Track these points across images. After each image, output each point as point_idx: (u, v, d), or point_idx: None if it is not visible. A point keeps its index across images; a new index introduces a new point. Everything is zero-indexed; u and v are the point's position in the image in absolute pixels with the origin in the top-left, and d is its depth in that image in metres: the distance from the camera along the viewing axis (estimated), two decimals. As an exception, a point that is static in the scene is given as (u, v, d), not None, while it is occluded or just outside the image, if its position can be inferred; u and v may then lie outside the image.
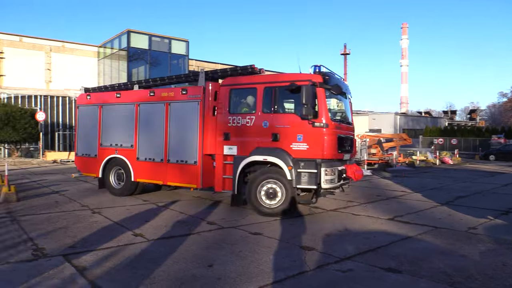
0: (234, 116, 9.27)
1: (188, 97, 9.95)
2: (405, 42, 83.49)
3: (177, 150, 10.12)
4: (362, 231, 7.51)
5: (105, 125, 11.69)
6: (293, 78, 8.70)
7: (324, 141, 8.32)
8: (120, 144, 11.29)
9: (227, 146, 9.30)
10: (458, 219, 8.75)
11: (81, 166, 12.39)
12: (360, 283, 4.79)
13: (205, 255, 5.79)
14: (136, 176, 10.94)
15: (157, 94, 10.69)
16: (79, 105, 12.49)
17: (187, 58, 35.67)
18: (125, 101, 11.34)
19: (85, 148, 12.13)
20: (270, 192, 8.72)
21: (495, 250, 6.26)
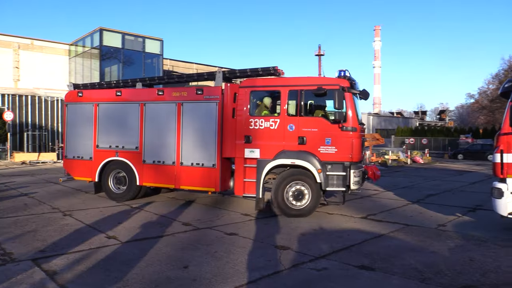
0: (256, 118, 9.07)
1: (204, 98, 9.56)
2: (378, 44, 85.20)
3: (192, 152, 9.68)
4: (336, 230, 7.62)
5: (103, 125, 10.79)
6: (320, 82, 8.78)
7: (353, 144, 8.46)
8: (122, 146, 10.50)
9: (248, 149, 9.05)
10: (428, 217, 9.00)
11: (71, 170, 11.30)
12: (335, 282, 4.86)
13: (180, 257, 5.74)
14: (142, 180, 10.26)
15: (167, 94, 10.09)
16: (68, 103, 11.34)
17: (161, 57, 35.23)
18: (128, 99, 10.55)
19: (77, 150, 11.11)
20: (297, 194, 8.72)
21: (463, 246, 6.47)
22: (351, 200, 11.27)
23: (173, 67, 40.97)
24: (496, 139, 7.41)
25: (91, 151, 10.89)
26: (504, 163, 6.99)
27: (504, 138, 7.05)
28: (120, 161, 10.55)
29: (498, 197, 7.07)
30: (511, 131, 6.91)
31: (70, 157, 11.29)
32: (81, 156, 11.06)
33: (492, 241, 6.80)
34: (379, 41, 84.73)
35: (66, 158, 11.40)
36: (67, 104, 11.39)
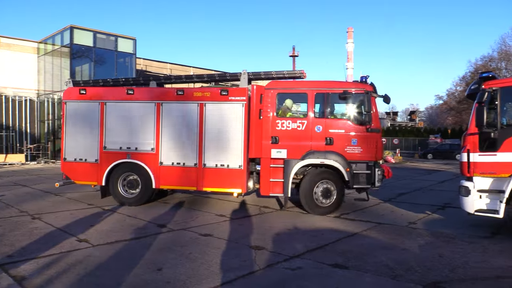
0: (283, 119, 9.37)
1: (229, 99, 9.50)
2: (351, 45, 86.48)
3: (216, 154, 9.55)
4: (310, 229, 7.70)
5: (111, 126, 10.10)
6: (345, 86, 9.42)
7: (378, 145, 9.14)
8: (135, 147, 9.96)
9: (275, 149, 9.28)
10: (399, 215, 9.22)
11: (72, 174, 10.43)
12: (309, 280, 4.91)
13: (154, 259, 5.67)
14: (159, 183, 9.88)
15: (188, 94, 9.81)
16: (67, 101, 10.41)
17: (134, 56, 34.64)
18: (141, 98, 10.05)
19: (79, 152, 10.26)
20: (325, 192, 9.14)
21: (432, 243, 6.66)
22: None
23: (147, 67, 40.36)
24: (463, 139, 7.68)
25: (97, 153, 10.15)
26: (471, 162, 7.25)
27: (470, 138, 7.31)
28: (133, 163, 10.01)
29: (465, 195, 7.32)
30: (477, 132, 7.17)
31: (70, 160, 10.36)
32: (84, 158, 10.24)
33: (460, 237, 7.03)
34: (351, 43, 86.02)
35: (65, 161, 10.42)
36: (66, 102, 10.43)
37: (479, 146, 7.17)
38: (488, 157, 7.09)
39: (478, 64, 51.89)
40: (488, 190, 7.12)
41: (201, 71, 46.34)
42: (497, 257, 5.83)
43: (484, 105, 6.97)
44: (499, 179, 6.97)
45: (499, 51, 50.43)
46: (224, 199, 11.31)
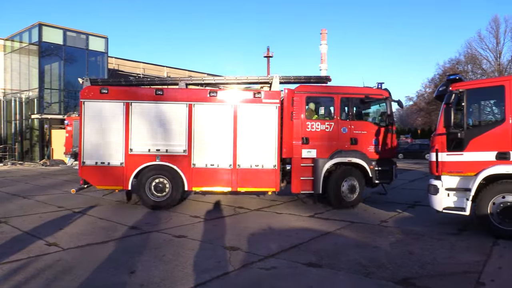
0: (312, 121, 10.04)
1: (263, 101, 9.83)
2: (324, 47, 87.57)
3: (250, 154, 9.80)
4: (285, 229, 7.75)
5: (137, 127, 9.73)
6: (366, 91, 10.32)
7: (393, 144, 10.31)
8: (165, 149, 9.72)
9: (305, 149, 9.90)
10: (372, 214, 9.41)
11: (93, 178, 9.84)
12: (283, 280, 4.94)
13: (126, 262, 5.57)
14: (192, 185, 9.80)
15: (221, 95, 9.93)
16: (85, 100, 9.73)
17: (106, 55, 33.97)
18: (172, 99, 9.82)
19: (101, 155, 9.70)
20: (351, 188, 9.98)
21: (403, 241, 6.83)
22: (298, 200, 11.52)
23: (119, 66, 39.61)
24: (432, 139, 7.91)
25: (122, 156, 9.68)
26: (439, 161, 7.48)
27: (438, 138, 7.54)
28: (163, 165, 9.75)
29: (434, 193, 7.54)
30: (444, 132, 7.40)
31: (90, 164, 9.71)
32: (107, 162, 9.70)
33: (429, 234, 7.23)
34: (325, 45, 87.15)
35: (84, 165, 9.72)
36: (85, 102, 9.74)
37: (447, 146, 7.40)
38: (455, 156, 7.33)
39: (446, 66, 53.52)
40: (455, 189, 7.37)
41: (176, 71, 45.92)
42: (464, 253, 6.04)
43: (451, 106, 7.20)
44: (465, 177, 7.22)
45: (465, 54, 52.20)
46: (198, 200, 11.24)
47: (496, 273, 5.13)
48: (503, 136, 6.93)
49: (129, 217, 8.82)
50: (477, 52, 50.80)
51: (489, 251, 6.15)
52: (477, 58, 50.83)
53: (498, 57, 49.29)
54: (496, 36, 49.11)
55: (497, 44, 49.17)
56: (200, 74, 49.70)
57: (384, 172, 10.05)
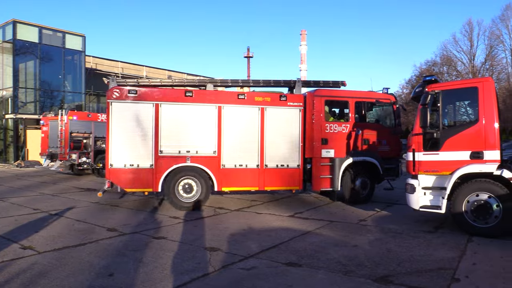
0: (331, 123, 10.68)
1: (288, 104, 10.38)
2: (304, 48, 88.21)
3: (276, 155, 10.27)
4: (265, 229, 7.77)
5: (167, 129, 9.66)
6: (376, 96, 11.16)
7: (399, 144, 11.20)
8: (196, 151, 9.78)
9: (324, 149, 10.51)
10: (350, 213, 9.53)
11: (121, 181, 9.58)
12: (264, 279, 4.95)
13: (104, 264, 5.48)
14: (221, 185, 9.97)
15: (249, 98, 10.24)
16: (113, 101, 9.47)
17: (83, 54, 33.34)
18: (201, 101, 9.92)
19: (130, 157, 9.50)
20: (363, 184, 10.75)
21: (381, 239, 6.95)
22: (278, 200, 11.59)
23: (97, 65, 38.92)
24: (409, 139, 8.07)
25: (152, 157, 9.57)
26: (416, 161, 7.63)
27: (415, 138, 7.69)
28: (193, 167, 9.80)
29: (411, 192, 7.70)
30: (421, 132, 7.56)
31: (118, 166, 9.47)
32: (137, 164, 9.53)
33: (407, 232, 7.37)
34: (305, 45, 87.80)
35: (111, 168, 9.46)
36: (112, 103, 9.48)
37: (423, 146, 7.57)
38: (431, 156, 7.50)
39: (423, 68, 54.77)
40: (432, 187, 7.53)
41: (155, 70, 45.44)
42: (440, 250, 6.18)
43: (428, 107, 7.37)
44: (441, 176, 7.40)
45: (441, 56, 53.61)
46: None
47: (470, 269, 5.26)
48: (477, 136, 7.13)
49: (107, 219, 8.69)
50: (452, 54, 52.30)
51: (464, 248, 6.31)
52: (452, 60, 52.26)
53: (472, 59, 50.81)
54: (470, 39, 50.65)
55: (471, 47, 50.72)
56: (180, 74, 49.35)
57: (391, 170, 10.91)
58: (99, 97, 39.52)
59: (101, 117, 19.06)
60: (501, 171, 6.82)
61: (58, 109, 23.62)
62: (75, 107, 30.12)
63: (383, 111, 11.71)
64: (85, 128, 18.24)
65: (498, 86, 43.54)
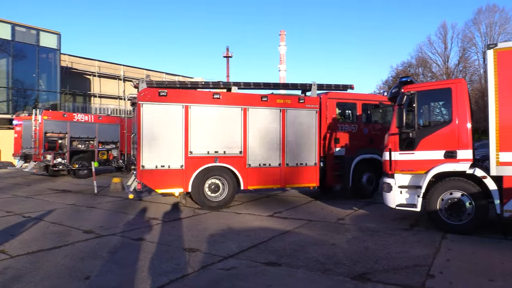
0: (341, 124, 11.64)
1: (305, 106, 11.06)
2: (283, 48, 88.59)
3: (296, 154, 10.91)
4: (244, 229, 7.77)
5: (196, 130, 9.86)
6: (379, 98, 12.17)
7: None
8: (223, 151, 10.09)
9: (337, 148, 11.44)
10: (329, 212, 9.63)
11: (153, 182, 9.64)
12: (243, 279, 4.96)
13: (80, 267, 5.37)
14: (247, 184, 10.39)
15: (272, 100, 10.73)
16: (143, 103, 9.50)
17: (58, 52, 32.64)
18: (228, 103, 10.24)
19: (161, 158, 9.59)
20: (370, 180, 11.68)
21: (359, 237, 7.05)
22: (257, 199, 11.62)
23: (73, 64, 38.16)
24: (385, 139, 8.22)
25: (182, 158, 9.72)
26: (392, 160, 7.78)
27: (392, 138, 7.84)
28: (221, 167, 10.11)
29: (387, 191, 7.85)
30: (397, 132, 7.71)
31: (150, 167, 9.53)
32: (168, 165, 9.63)
33: (383, 231, 7.51)
34: (284, 46, 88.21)
35: (143, 169, 9.47)
36: (143, 104, 9.51)
37: (399, 146, 7.72)
38: (407, 155, 7.66)
39: (399, 69, 55.71)
40: (407, 186, 7.69)
41: (133, 69, 44.83)
42: (415, 247, 6.32)
43: (404, 108, 7.52)
44: (416, 175, 7.56)
45: (417, 58, 54.62)
46: (156, 202, 11.05)
47: (444, 266, 5.40)
48: (451, 135, 7.32)
49: (83, 220, 8.52)
50: (427, 56, 53.38)
51: (438, 245, 6.47)
52: (427, 62, 53.37)
53: (446, 61, 51.99)
54: (444, 41, 51.81)
55: (445, 49, 51.90)
56: (159, 73, 48.85)
57: None
58: (75, 96, 38.76)
59: (77, 116, 18.70)
60: (473, 170, 7.02)
61: (32, 108, 23.01)
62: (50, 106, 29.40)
63: (386, 112, 12.50)
64: (60, 128, 17.83)
65: (471, 87, 44.75)
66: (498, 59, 6.77)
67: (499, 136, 6.72)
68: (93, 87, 40.47)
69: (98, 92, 40.64)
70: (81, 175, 18.22)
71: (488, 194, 6.93)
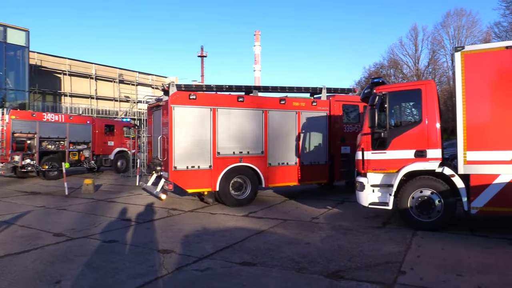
0: (347, 124, 12.51)
1: (318, 108, 11.84)
2: (258, 48, 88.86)
3: (309, 153, 11.68)
4: (219, 229, 7.75)
5: (223, 131, 10.35)
6: None
7: None
8: (247, 151, 10.70)
9: (343, 147, 12.29)
10: (304, 211, 9.73)
11: (184, 182, 9.92)
12: (218, 280, 4.95)
13: (51, 271, 5.23)
14: (268, 182, 11.03)
15: (288, 103, 11.48)
16: (175, 106, 9.86)
17: (27, 50, 31.65)
18: (251, 106, 10.86)
19: (191, 159, 9.96)
20: None
21: (333, 236, 7.15)
22: (234, 199, 11.57)
23: (42, 62, 37.07)
24: (358, 139, 8.37)
25: (210, 159, 10.16)
26: (365, 159, 7.93)
27: (364, 137, 8.00)
28: (245, 166, 10.64)
29: (360, 190, 8.00)
30: (369, 132, 7.87)
31: (181, 168, 9.86)
32: (198, 165, 10.05)
33: (357, 229, 7.65)
34: (258, 46, 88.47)
35: (175, 170, 9.77)
36: (174, 107, 9.84)
37: (372, 145, 7.88)
38: (379, 155, 7.82)
39: (371, 70, 56.96)
40: (380, 185, 7.87)
41: (105, 68, 43.97)
42: (387, 245, 6.47)
43: (376, 108, 7.68)
44: (388, 174, 7.74)
45: (388, 59, 55.97)
46: (130, 203, 10.88)
47: (415, 262, 5.55)
48: (421, 135, 7.53)
49: (53, 223, 8.30)
50: (399, 57, 54.74)
51: (409, 242, 6.64)
52: (399, 63, 54.72)
53: (417, 62, 53.47)
54: (415, 44, 53.24)
55: (416, 51, 53.35)
56: (132, 72, 48.09)
57: None
58: (45, 95, 37.70)
59: (47, 116, 18.17)
60: (442, 168, 7.25)
61: (-2, 108, 22.21)
62: (18, 105, 28.50)
63: None
64: (29, 128, 17.27)
65: (440, 89, 46.13)
66: (465, 62, 7.00)
67: (466, 135, 6.96)
68: (63, 86, 39.44)
69: (69, 91, 39.64)
70: (51, 177, 17.72)
71: (456, 192, 7.17)
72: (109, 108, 44.38)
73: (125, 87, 46.59)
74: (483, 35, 46.36)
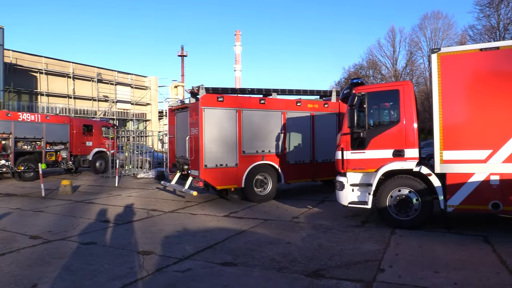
0: None
1: (329, 110, 12.66)
2: (238, 48, 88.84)
3: (322, 151, 12.39)
4: (200, 230, 7.72)
5: (247, 131, 11.06)
6: None
7: None
8: (268, 150, 11.43)
9: None
10: (284, 211, 9.78)
11: (214, 179, 10.55)
12: (199, 281, 4.93)
13: (27, 275, 5.11)
14: (287, 179, 11.77)
15: (304, 105, 12.26)
16: (205, 108, 10.41)
17: (1, 47, 30.74)
18: (271, 108, 11.55)
19: (220, 157, 10.63)
20: None
21: (313, 235, 7.21)
22: (213, 200, 11.57)
23: (17, 60, 36.08)
24: (338, 139, 8.46)
25: (236, 157, 10.84)
26: (345, 159, 8.03)
27: (344, 137, 8.09)
28: (267, 164, 11.36)
29: (340, 189, 8.09)
30: (349, 132, 7.97)
31: (211, 166, 10.50)
32: (225, 163, 10.70)
33: (337, 228, 7.73)
34: (239, 46, 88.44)
35: (206, 168, 10.40)
36: (205, 109, 10.43)
37: (351, 145, 7.98)
38: (358, 154, 7.93)
39: (351, 71, 57.61)
40: (359, 184, 7.98)
41: (83, 67, 43.16)
42: (367, 243, 6.56)
43: (355, 108, 7.78)
44: (367, 173, 7.86)
45: (367, 60, 56.71)
46: (108, 205, 10.72)
47: (393, 260, 5.66)
48: (399, 135, 7.67)
49: (30, 225, 8.10)
50: (377, 58, 55.50)
51: (388, 240, 6.76)
52: (377, 64, 55.50)
53: (395, 63, 54.32)
54: (393, 45, 54.08)
55: (394, 52, 54.17)
56: (111, 71, 47.33)
57: None
58: (20, 94, 36.73)
59: (23, 116, 17.70)
60: (419, 167, 7.40)
61: (-29, 107, 21.53)
62: (-8, 105, 27.63)
63: None
64: (3, 128, 16.78)
65: (417, 89, 47.06)
66: (442, 63, 7.17)
67: (442, 135, 7.12)
68: (40, 85, 38.49)
69: (45, 91, 38.70)
70: (27, 178, 17.28)
71: (433, 190, 7.33)
72: (87, 107, 43.55)
73: (104, 87, 45.78)
74: (458, 37, 47.49)
